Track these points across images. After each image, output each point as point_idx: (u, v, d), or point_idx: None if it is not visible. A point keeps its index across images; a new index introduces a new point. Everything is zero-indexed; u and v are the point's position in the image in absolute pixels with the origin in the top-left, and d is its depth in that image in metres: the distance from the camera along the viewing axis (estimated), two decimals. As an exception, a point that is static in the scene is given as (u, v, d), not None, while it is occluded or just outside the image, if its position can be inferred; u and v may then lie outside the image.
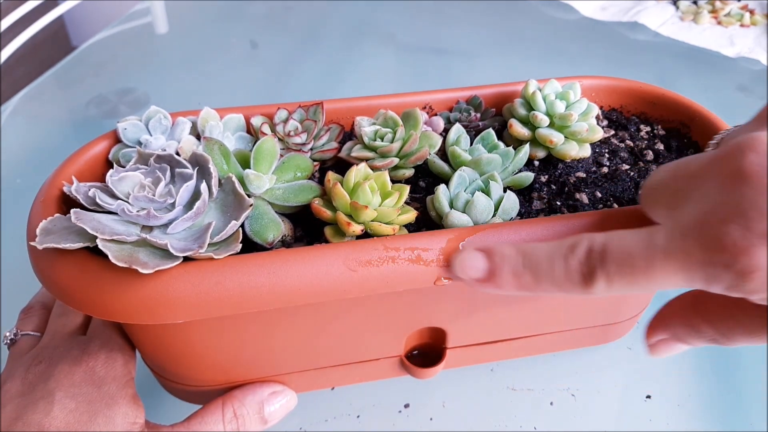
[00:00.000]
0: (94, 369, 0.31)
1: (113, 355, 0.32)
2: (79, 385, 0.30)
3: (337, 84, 0.73)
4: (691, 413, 0.39)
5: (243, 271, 0.26)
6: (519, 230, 0.28)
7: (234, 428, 0.33)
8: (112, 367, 0.32)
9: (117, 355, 0.33)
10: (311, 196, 0.31)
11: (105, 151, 0.35)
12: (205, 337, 0.31)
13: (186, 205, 0.28)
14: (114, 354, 0.32)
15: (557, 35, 0.86)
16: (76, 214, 0.26)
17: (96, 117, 0.34)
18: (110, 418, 0.30)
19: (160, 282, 0.26)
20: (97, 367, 0.32)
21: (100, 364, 0.32)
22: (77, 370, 0.31)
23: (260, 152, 0.31)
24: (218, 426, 0.33)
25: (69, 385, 0.30)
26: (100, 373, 0.31)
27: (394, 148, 0.33)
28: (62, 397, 0.30)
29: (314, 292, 0.27)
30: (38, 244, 0.26)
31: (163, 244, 0.25)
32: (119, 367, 0.32)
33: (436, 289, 0.32)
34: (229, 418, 0.33)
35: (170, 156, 0.29)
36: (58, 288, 0.27)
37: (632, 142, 0.38)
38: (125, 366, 0.33)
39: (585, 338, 0.41)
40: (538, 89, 0.36)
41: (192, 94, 0.33)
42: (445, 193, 0.31)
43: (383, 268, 0.27)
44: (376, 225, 0.29)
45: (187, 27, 0.89)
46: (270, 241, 0.29)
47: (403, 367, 0.38)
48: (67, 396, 0.30)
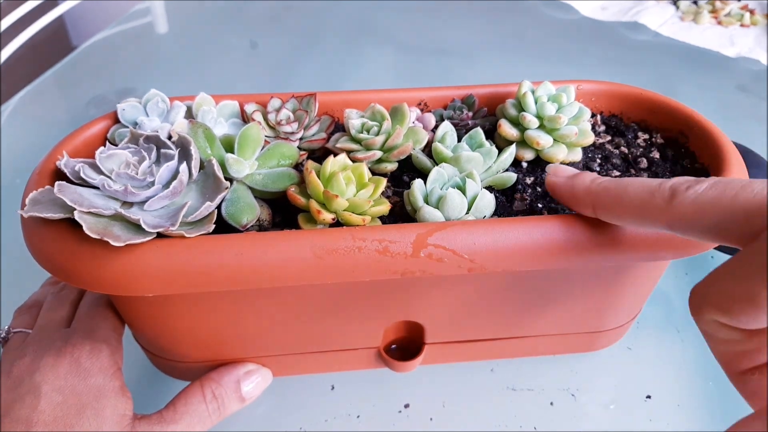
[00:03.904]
0: (79, 361, 0.31)
1: (98, 346, 0.32)
2: (65, 378, 0.30)
3: (336, 84, 0.74)
4: (691, 413, 0.39)
5: (211, 251, 0.27)
6: (490, 229, 0.29)
7: (215, 408, 0.34)
8: (98, 358, 0.32)
9: (102, 346, 0.32)
10: (290, 183, 0.31)
11: (104, 130, 0.36)
12: (184, 313, 0.32)
13: (165, 184, 0.29)
14: (99, 345, 0.32)
15: (557, 35, 0.85)
16: (59, 186, 0.27)
17: (96, 117, 0.36)
18: (98, 410, 0.30)
19: (132, 255, 0.27)
20: (82, 358, 0.31)
21: (84, 355, 0.32)
22: (62, 362, 0.31)
23: (245, 138, 0.32)
24: (201, 407, 0.34)
25: (54, 378, 0.30)
26: (85, 365, 0.31)
27: (378, 141, 0.34)
28: (49, 390, 0.30)
29: (280, 276, 0.28)
30: (24, 213, 0.27)
31: (137, 219, 0.26)
32: (105, 359, 0.32)
33: (411, 283, 0.32)
34: (209, 398, 0.34)
35: (157, 137, 0.31)
36: (41, 256, 0.28)
37: (627, 149, 0.38)
38: (111, 357, 0.32)
39: (571, 344, 0.41)
40: (530, 90, 0.36)
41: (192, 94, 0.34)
42: (420, 188, 0.31)
43: (350, 257, 0.28)
44: (347, 215, 0.29)
45: (187, 27, 0.90)
46: (244, 224, 0.29)
47: (381, 360, 0.39)
48: (54, 389, 0.30)
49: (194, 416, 0.33)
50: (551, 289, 0.34)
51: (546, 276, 0.33)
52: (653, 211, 0.24)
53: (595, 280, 0.34)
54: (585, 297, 0.35)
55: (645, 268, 0.34)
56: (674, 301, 0.46)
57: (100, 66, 0.79)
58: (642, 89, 0.40)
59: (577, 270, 0.33)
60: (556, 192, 0.30)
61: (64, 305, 0.36)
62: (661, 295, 0.46)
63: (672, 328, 0.44)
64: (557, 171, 0.31)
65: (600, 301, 0.36)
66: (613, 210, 0.27)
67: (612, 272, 0.33)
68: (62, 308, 0.35)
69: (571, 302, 0.36)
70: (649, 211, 0.24)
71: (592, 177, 0.29)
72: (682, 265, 0.49)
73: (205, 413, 0.34)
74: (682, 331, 0.44)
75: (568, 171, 0.30)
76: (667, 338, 0.43)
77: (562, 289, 0.34)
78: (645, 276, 0.35)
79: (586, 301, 0.36)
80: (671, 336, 0.44)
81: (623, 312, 0.38)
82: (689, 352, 0.42)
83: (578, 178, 0.29)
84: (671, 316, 0.45)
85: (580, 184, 0.29)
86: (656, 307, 0.45)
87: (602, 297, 0.36)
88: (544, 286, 0.34)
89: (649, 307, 0.45)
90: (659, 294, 0.46)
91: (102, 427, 0.30)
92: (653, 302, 0.45)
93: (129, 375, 0.34)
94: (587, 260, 0.29)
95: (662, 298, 0.46)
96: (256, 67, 0.79)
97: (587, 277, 0.34)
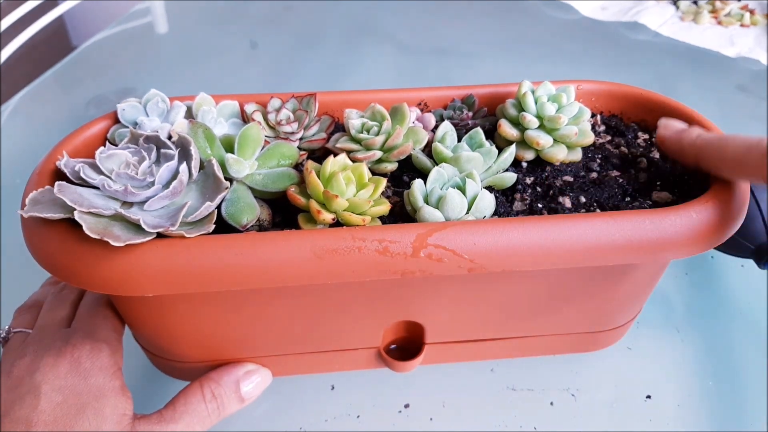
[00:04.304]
0: (80, 361, 0.31)
1: (98, 345, 0.32)
2: (65, 378, 0.30)
3: (336, 84, 0.74)
4: (691, 413, 0.39)
5: (211, 251, 0.27)
6: (490, 229, 0.29)
7: (215, 408, 0.34)
8: (98, 358, 0.32)
9: (102, 345, 0.32)
10: (290, 183, 0.31)
11: (104, 130, 0.36)
12: (184, 313, 0.32)
13: (165, 184, 0.29)
14: (99, 345, 0.32)
15: (557, 35, 0.85)
16: (59, 186, 0.27)
17: (96, 117, 0.36)
18: (99, 410, 0.30)
19: (132, 255, 0.27)
20: (82, 358, 0.31)
21: (84, 355, 0.31)
22: (62, 362, 0.31)
23: (245, 138, 0.32)
24: (201, 406, 0.34)
25: (54, 378, 0.30)
26: (85, 365, 0.31)
27: (378, 141, 0.34)
28: (49, 390, 0.30)
29: (280, 276, 0.28)
30: (24, 213, 0.27)
31: (137, 219, 0.26)
32: (105, 358, 0.32)
33: (411, 283, 0.32)
34: (209, 398, 0.34)
35: (157, 137, 0.31)
36: (41, 256, 0.28)
37: (627, 149, 0.38)
38: (111, 357, 0.32)
39: (571, 344, 0.41)
40: (530, 90, 0.36)
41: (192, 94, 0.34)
42: (420, 188, 0.31)
43: (349, 257, 0.28)
44: (347, 215, 0.29)
45: (187, 27, 0.90)
46: (244, 224, 0.29)
47: (381, 360, 0.39)
48: (54, 389, 0.30)
49: (194, 416, 0.33)
50: (551, 289, 0.34)
51: (546, 276, 0.33)
52: (748, 167, 0.27)
53: (595, 280, 0.34)
54: (585, 297, 0.35)
55: (645, 268, 0.34)
56: (674, 301, 0.46)
57: (100, 66, 0.79)
58: (642, 89, 0.40)
59: (577, 270, 0.33)
60: (665, 144, 0.33)
61: (65, 305, 0.36)
62: (661, 295, 0.46)
63: (672, 328, 0.44)
64: (668, 125, 0.34)
65: (600, 301, 0.36)
66: (713, 163, 0.30)
67: (612, 272, 0.33)
68: (62, 308, 0.35)
69: (571, 302, 0.36)
70: (745, 166, 0.28)
71: (698, 132, 0.31)
72: (682, 265, 0.49)
73: (205, 413, 0.33)
74: (682, 331, 0.44)
75: (677, 125, 0.33)
76: (667, 338, 0.43)
77: (562, 289, 0.34)
78: (645, 276, 0.35)
79: (586, 301, 0.36)
80: (671, 336, 0.44)
81: (623, 312, 0.38)
82: (689, 352, 0.42)
83: (686, 132, 0.32)
84: (671, 316, 0.45)
85: (687, 138, 0.31)
86: (656, 307, 0.45)
87: (602, 297, 0.36)
88: (544, 286, 0.34)
89: (649, 307, 0.45)
90: (659, 294, 0.46)
91: (102, 426, 0.30)
92: (653, 302, 0.45)
93: (129, 375, 0.34)
94: (587, 260, 0.29)
95: (662, 298, 0.46)
96: (256, 67, 0.79)
97: (587, 277, 0.34)
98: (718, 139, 0.30)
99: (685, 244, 0.29)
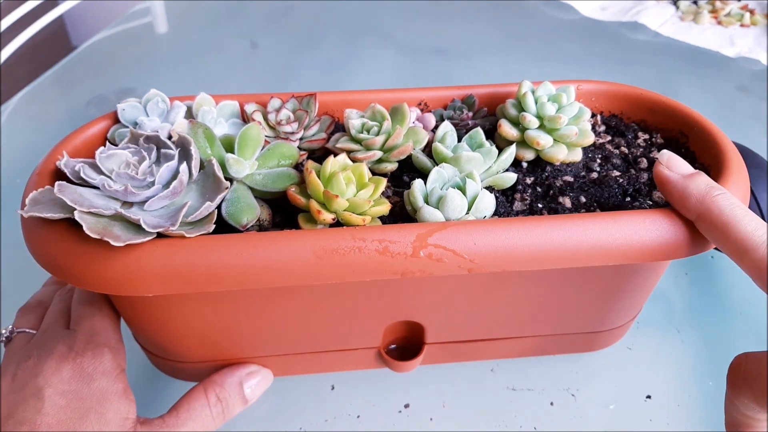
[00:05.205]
0: (82, 365, 0.31)
1: (99, 349, 0.32)
2: (68, 382, 0.30)
3: (336, 84, 0.74)
4: (691, 413, 0.39)
5: (211, 251, 0.27)
6: (490, 229, 0.29)
7: (219, 411, 0.34)
8: (100, 362, 0.32)
9: (103, 349, 0.32)
10: (290, 183, 0.31)
11: (104, 130, 0.36)
12: (184, 313, 0.32)
13: (165, 184, 0.29)
14: (100, 348, 0.32)
15: (557, 35, 0.86)
16: (60, 186, 0.27)
17: (96, 117, 0.36)
18: (102, 414, 0.30)
19: (132, 255, 0.27)
20: (85, 363, 0.31)
21: (87, 359, 0.31)
22: (65, 366, 0.31)
23: (245, 138, 0.32)
24: (205, 411, 0.34)
25: (58, 382, 0.30)
26: (88, 369, 0.31)
27: (378, 141, 0.34)
28: (52, 393, 0.30)
29: (280, 276, 0.28)
30: (24, 213, 0.27)
31: (137, 219, 0.26)
32: (107, 362, 0.32)
33: (411, 283, 0.32)
34: (213, 402, 0.34)
35: (157, 137, 0.31)
36: (41, 256, 0.28)
37: (627, 149, 0.38)
38: (114, 360, 0.32)
39: (571, 344, 0.41)
40: (530, 90, 0.36)
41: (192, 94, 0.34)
42: (420, 188, 0.31)
43: (349, 257, 0.28)
44: (347, 215, 0.29)
45: (187, 27, 0.90)
46: (244, 224, 0.29)
47: (381, 360, 0.39)
48: (57, 393, 0.30)
49: (197, 420, 0.33)
50: (551, 290, 0.34)
51: (546, 276, 0.33)
52: (743, 266, 0.26)
53: (596, 280, 0.34)
54: (585, 297, 0.35)
55: (645, 268, 0.34)
56: (674, 301, 0.46)
57: (100, 66, 0.79)
58: (642, 89, 0.40)
59: (577, 270, 0.33)
60: (665, 186, 0.29)
61: (70, 307, 0.36)
62: (661, 295, 0.46)
63: (672, 328, 0.44)
64: (671, 163, 0.30)
65: (600, 301, 0.36)
66: (715, 234, 0.27)
67: (612, 272, 0.33)
68: (68, 310, 0.35)
69: (571, 302, 0.36)
70: (741, 264, 0.26)
71: (707, 185, 0.28)
72: (682, 265, 0.49)
73: (209, 417, 0.34)
74: (682, 331, 0.44)
75: (684, 168, 0.29)
76: (667, 338, 0.43)
77: (562, 290, 0.34)
78: (645, 276, 0.35)
79: (586, 301, 0.36)
80: (671, 336, 0.44)
81: (623, 312, 0.38)
82: (689, 352, 0.42)
83: (693, 181, 0.28)
84: (671, 316, 0.45)
85: (695, 189, 0.28)
86: (656, 307, 0.45)
87: (602, 297, 0.36)
88: (544, 286, 0.34)
89: (649, 307, 0.45)
90: (659, 294, 0.46)
91: (105, 430, 0.30)
92: (653, 302, 0.45)
93: (129, 375, 0.34)
94: (587, 261, 0.29)
95: (662, 298, 0.46)
96: (256, 67, 0.79)
97: (587, 277, 0.34)
98: (730, 211, 0.26)
99: (685, 244, 0.29)
